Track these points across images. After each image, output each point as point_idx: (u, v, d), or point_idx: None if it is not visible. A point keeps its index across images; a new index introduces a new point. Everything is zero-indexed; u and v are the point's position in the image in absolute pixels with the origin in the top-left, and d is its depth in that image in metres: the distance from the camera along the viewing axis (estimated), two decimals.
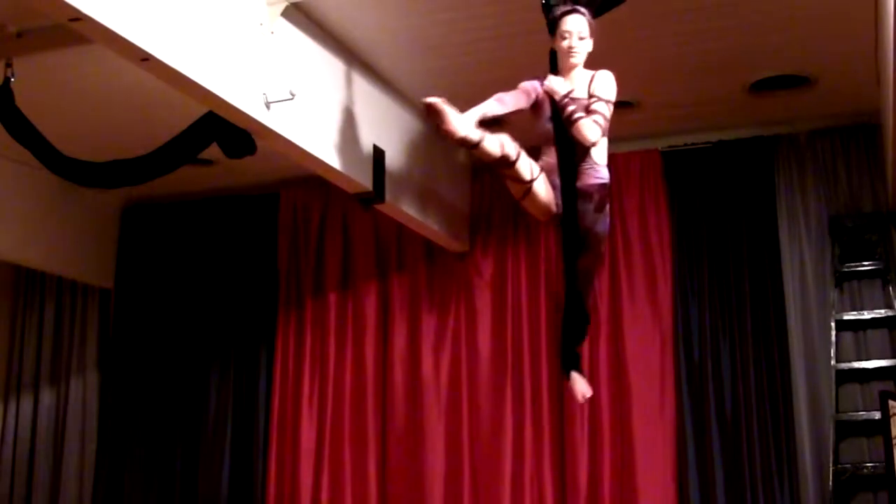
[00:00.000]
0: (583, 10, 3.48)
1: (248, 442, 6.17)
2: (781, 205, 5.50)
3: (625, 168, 5.72)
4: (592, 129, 3.38)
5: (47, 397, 6.64)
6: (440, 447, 5.78)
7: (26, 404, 6.65)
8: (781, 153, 5.56)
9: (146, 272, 6.63)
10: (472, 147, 3.40)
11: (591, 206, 3.45)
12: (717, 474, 5.33)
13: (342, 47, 4.59)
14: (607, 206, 3.51)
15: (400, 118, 5.15)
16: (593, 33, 3.51)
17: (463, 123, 3.34)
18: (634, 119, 5.42)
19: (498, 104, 3.44)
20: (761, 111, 5.39)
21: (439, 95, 3.67)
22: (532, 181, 3.49)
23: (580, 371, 3.84)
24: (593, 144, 3.41)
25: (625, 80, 4.92)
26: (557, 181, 3.49)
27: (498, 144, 3.39)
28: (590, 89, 3.45)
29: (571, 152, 3.45)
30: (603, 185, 3.48)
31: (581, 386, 3.80)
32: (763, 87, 5.07)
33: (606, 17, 3.61)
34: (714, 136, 5.66)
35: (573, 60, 3.48)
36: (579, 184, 3.45)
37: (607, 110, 3.43)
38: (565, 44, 3.47)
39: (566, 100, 3.40)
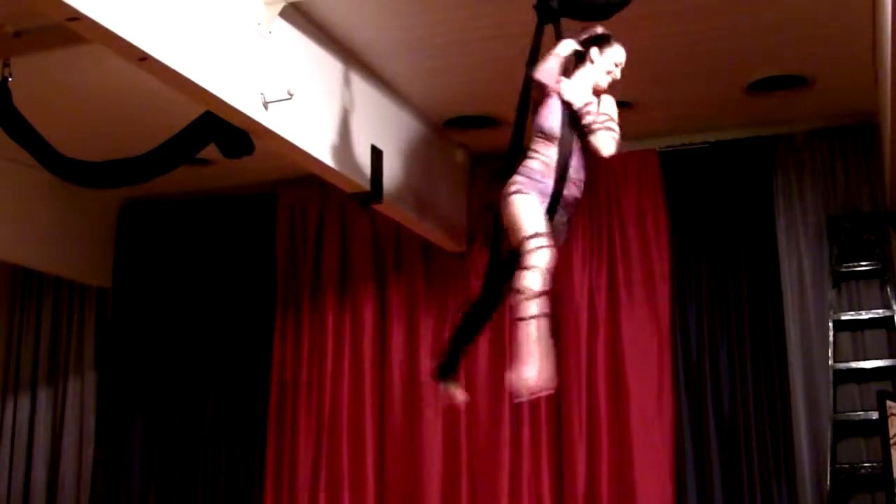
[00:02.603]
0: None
1: (245, 441, 6.17)
2: (779, 205, 5.50)
3: (622, 168, 5.73)
4: (610, 143, 3.39)
5: (45, 397, 6.63)
6: (438, 448, 5.78)
7: (24, 404, 6.64)
8: (779, 153, 5.57)
9: (144, 272, 6.62)
10: None
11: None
12: (715, 474, 5.33)
13: (340, 47, 4.59)
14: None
15: (398, 118, 5.15)
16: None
17: None
18: (632, 119, 5.38)
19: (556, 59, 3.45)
20: (759, 111, 5.39)
21: (437, 95, 3.67)
22: None
23: (455, 374, 3.73)
24: (606, 157, 3.40)
25: (622, 80, 4.95)
26: (548, 183, 3.37)
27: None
28: (600, 108, 3.46)
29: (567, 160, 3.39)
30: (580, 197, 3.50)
31: (459, 391, 3.74)
32: (761, 87, 5.07)
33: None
34: (712, 137, 5.67)
35: (607, 86, 3.53)
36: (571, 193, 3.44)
37: (618, 130, 3.47)
38: (616, 71, 3.51)
39: (587, 109, 3.39)
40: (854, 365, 5.25)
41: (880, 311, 5.27)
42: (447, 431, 5.79)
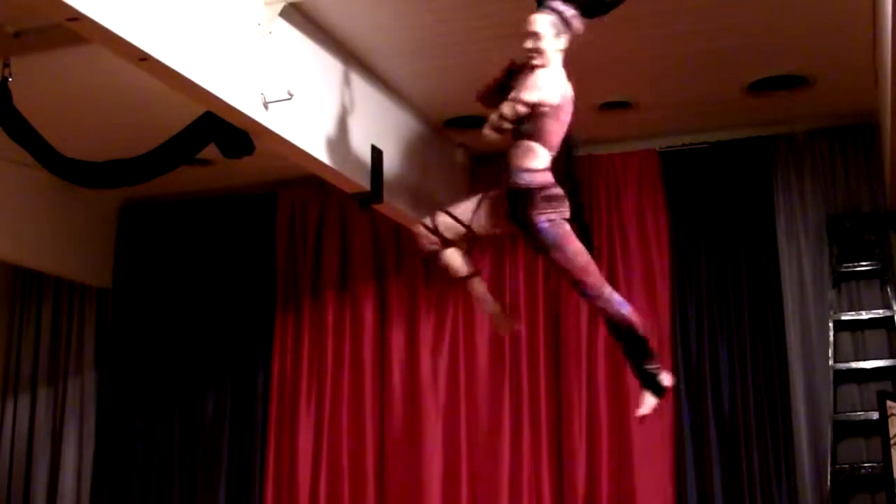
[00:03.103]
0: (554, 5, 3.26)
1: (245, 442, 6.17)
2: (779, 205, 5.50)
3: (622, 168, 5.74)
4: (484, 128, 3.29)
5: (45, 397, 6.63)
6: (438, 448, 5.77)
7: (24, 404, 6.64)
8: (779, 153, 5.57)
9: (144, 272, 6.62)
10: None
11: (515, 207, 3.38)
12: (715, 474, 5.33)
13: (340, 47, 4.59)
14: (534, 215, 3.31)
15: (398, 118, 5.15)
16: (566, 30, 3.28)
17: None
18: (632, 119, 5.43)
19: None
20: (759, 111, 5.39)
21: (437, 95, 3.57)
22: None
23: (652, 390, 3.66)
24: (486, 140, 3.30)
25: (623, 81, 4.97)
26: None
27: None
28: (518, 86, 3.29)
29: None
30: (517, 188, 3.32)
31: (645, 403, 3.64)
32: (761, 87, 5.07)
33: (604, 16, 3.60)
34: (712, 137, 5.67)
35: (532, 62, 3.30)
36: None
37: (509, 110, 3.22)
38: (525, 41, 3.28)
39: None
40: (854, 365, 5.25)
41: (880, 311, 5.27)
42: (447, 432, 5.79)
